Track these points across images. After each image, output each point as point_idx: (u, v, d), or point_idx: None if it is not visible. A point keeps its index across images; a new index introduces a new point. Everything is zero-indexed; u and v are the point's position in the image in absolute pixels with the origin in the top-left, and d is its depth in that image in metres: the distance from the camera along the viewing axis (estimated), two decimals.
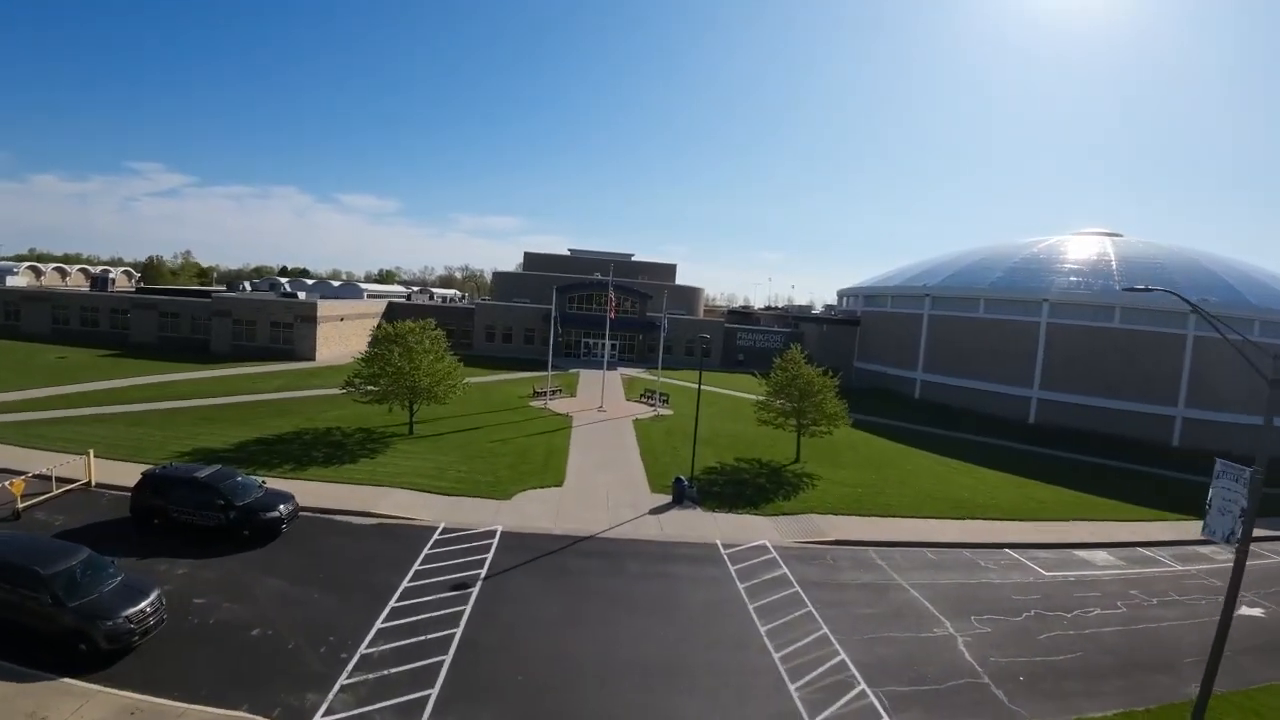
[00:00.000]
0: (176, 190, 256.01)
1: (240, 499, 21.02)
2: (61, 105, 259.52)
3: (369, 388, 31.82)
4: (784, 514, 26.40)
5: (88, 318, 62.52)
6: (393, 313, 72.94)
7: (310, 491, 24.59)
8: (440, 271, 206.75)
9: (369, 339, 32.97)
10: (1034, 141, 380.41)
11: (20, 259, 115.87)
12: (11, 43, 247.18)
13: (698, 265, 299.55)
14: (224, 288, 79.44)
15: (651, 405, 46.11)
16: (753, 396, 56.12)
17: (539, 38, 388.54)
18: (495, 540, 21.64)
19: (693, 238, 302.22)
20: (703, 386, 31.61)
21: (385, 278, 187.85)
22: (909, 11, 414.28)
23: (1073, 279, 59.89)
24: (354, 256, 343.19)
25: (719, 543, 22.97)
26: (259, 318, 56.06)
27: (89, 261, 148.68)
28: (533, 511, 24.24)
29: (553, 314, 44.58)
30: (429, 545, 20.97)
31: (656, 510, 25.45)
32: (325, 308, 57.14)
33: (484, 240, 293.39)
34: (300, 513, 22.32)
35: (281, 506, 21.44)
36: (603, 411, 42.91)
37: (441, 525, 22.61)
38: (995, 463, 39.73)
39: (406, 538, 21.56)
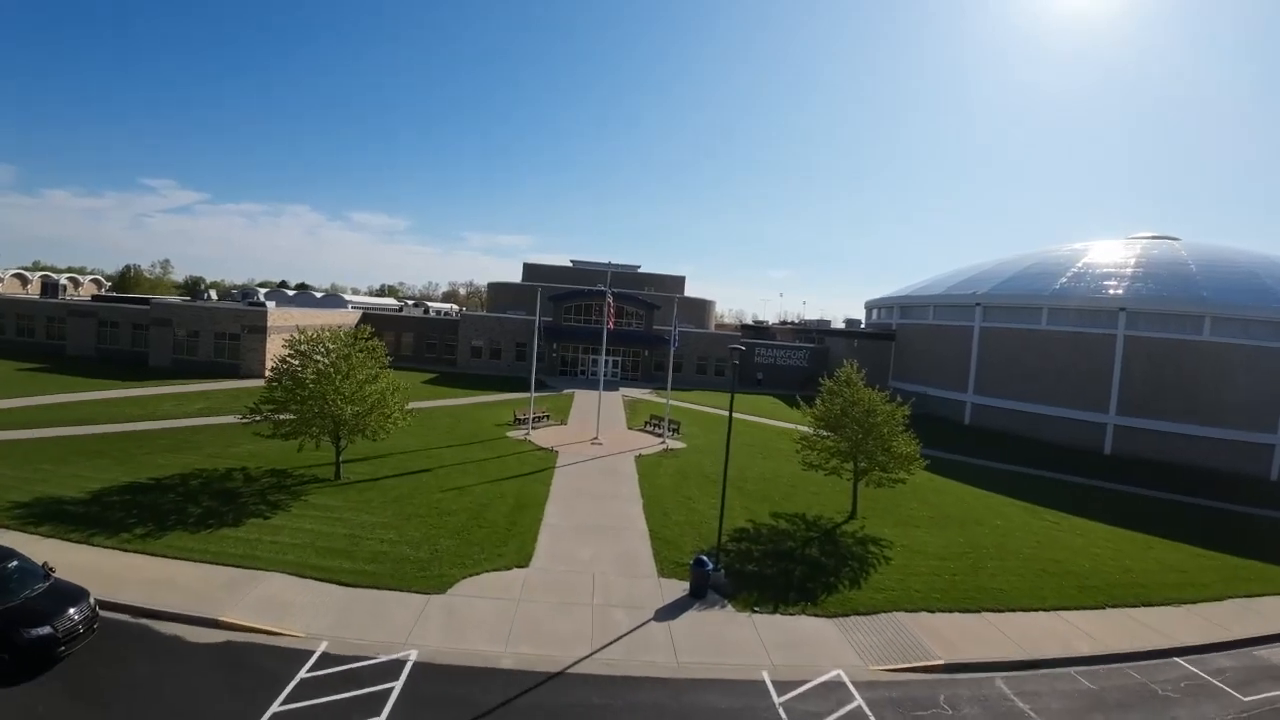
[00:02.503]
0: (189, 207, 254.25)
1: None
2: (75, 121, 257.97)
3: (282, 416, 23.53)
4: (857, 612, 17.72)
5: (23, 326, 54.97)
6: (368, 325, 65.01)
7: (148, 574, 16.46)
8: (445, 287, 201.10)
9: (286, 351, 24.56)
10: (1040, 149, 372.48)
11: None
12: (27, 58, 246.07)
13: (703, 284, 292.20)
14: (188, 297, 71.82)
15: (658, 435, 37.53)
16: (778, 423, 47.45)
17: (550, 48, 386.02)
18: (400, 681, 13.08)
19: (698, 255, 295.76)
20: (716, 411, 23.69)
21: (389, 293, 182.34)
22: (899, 32, 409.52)
23: (1150, 285, 51.34)
24: (362, 274, 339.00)
25: (767, 678, 14.26)
26: (202, 328, 48.04)
27: (96, 275, 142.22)
28: (475, 619, 15.63)
29: (537, 323, 36.29)
30: (287, 692, 12.47)
31: (667, 612, 16.75)
32: (278, 316, 49.02)
33: (493, 259, 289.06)
34: (107, 613, 14.22)
35: (70, 613, 13.29)
36: (598, 444, 34.35)
37: (322, 647, 14.12)
38: (1091, 510, 31.32)
39: (258, 672, 13.11)
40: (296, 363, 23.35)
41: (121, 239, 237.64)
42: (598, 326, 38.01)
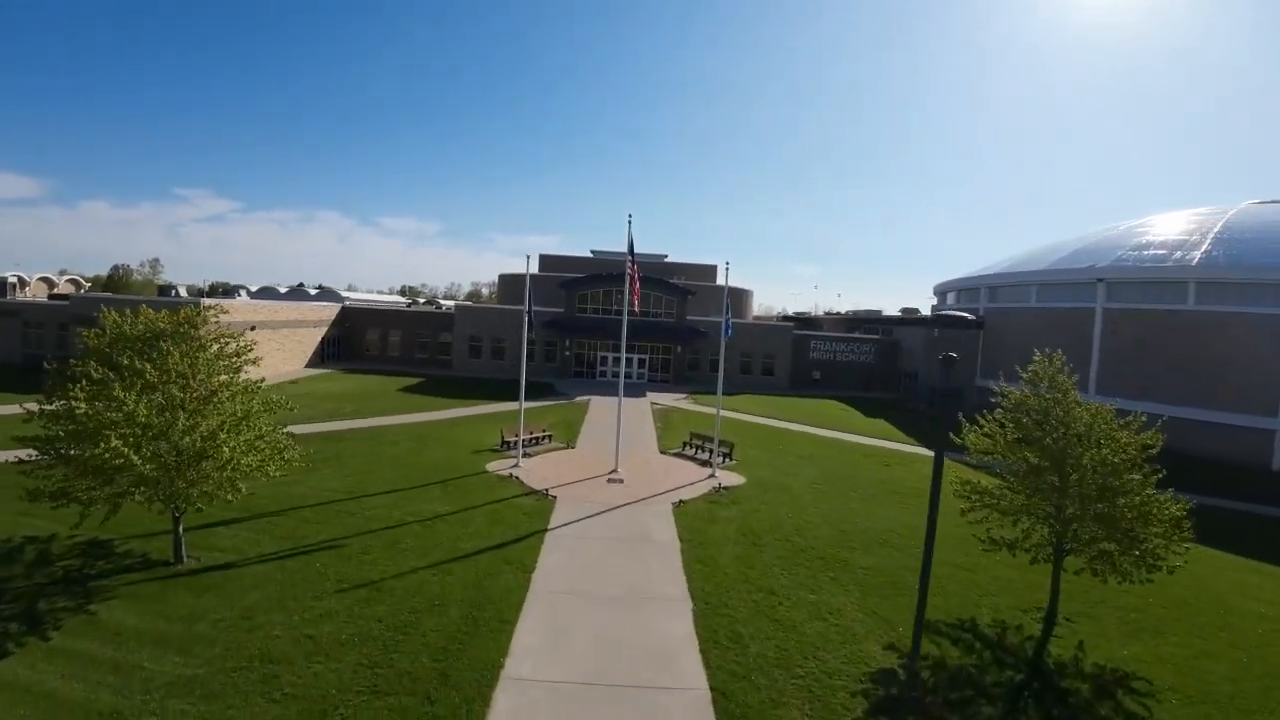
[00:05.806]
0: (222, 216, 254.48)
1: None
2: (112, 134, 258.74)
3: (54, 463, 13.44)
4: None
5: None
6: (347, 320, 55.69)
7: None
8: (468, 287, 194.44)
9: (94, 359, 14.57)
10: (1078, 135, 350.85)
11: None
12: (66, 75, 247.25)
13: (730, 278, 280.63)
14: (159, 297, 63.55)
15: (705, 464, 26.91)
16: (856, 438, 34.71)
17: (562, 51, 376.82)
18: None
19: (721, 252, 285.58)
20: (773, 422, 13.92)
21: (410, 293, 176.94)
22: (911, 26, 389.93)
23: None
24: (389, 278, 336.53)
25: None
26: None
27: (74, 275, 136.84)
28: None
29: (527, 304, 26.13)
30: None
31: None
32: (229, 312, 39.52)
33: (520, 260, 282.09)
34: None
35: None
36: (617, 480, 23.83)
37: None
38: None
39: None
40: (80, 368, 13.34)
41: (156, 249, 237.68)
42: (619, 318, 27.77)
